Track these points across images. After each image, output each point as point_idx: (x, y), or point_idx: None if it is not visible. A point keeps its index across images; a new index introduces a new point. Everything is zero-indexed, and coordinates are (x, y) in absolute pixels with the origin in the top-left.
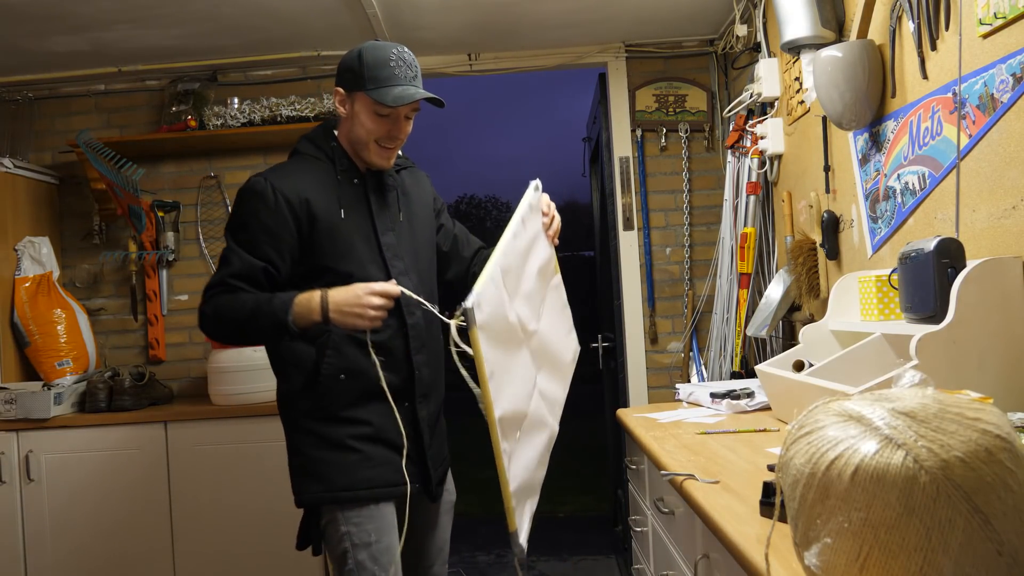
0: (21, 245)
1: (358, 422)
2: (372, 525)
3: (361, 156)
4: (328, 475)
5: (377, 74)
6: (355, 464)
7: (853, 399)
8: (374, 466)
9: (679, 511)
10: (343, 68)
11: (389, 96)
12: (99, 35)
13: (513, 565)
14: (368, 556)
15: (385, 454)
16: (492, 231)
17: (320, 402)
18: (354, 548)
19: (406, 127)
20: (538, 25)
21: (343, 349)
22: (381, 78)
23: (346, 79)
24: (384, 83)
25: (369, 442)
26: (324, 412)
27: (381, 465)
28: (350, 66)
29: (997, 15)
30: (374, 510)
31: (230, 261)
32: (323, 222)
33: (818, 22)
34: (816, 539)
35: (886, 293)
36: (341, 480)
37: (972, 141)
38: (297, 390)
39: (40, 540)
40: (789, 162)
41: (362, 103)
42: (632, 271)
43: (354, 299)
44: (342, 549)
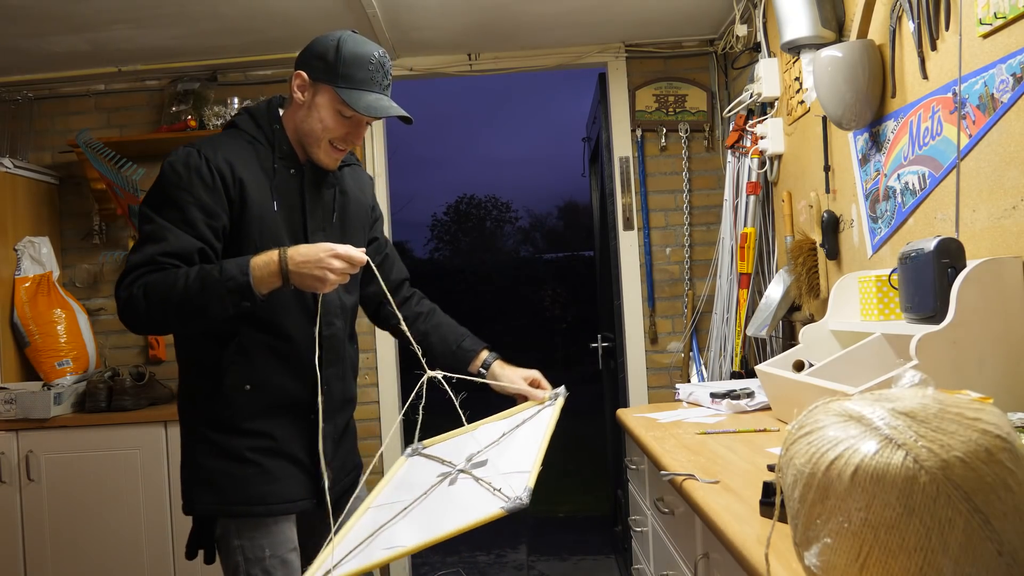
0: (21, 245)
1: (259, 435)
2: (266, 540)
3: (307, 149)
4: (223, 487)
5: (352, 73)
6: (251, 478)
7: (853, 399)
8: (271, 481)
9: (679, 511)
10: (313, 54)
11: (361, 102)
12: (98, 35)
13: (512, 565)
14: (261, 571)
15: (285, 468)
16: (492, 231)
17: (222, 413)
18: (247, 563)
19: (364, 133)
20: (538, 25)
21: (253, 359)
22: (356, 79)
23: (315, 67)
24: (358, 85)
25: (269, 455)
26: (224, 423)
27: (280, 480)
28: (322, 55)
29: (997, 15)
30: (270, 524)
31: (161, 238)
32: (254, 209)
33: (818, 22)
34: (816, 539)
35: (886, 293)
36: (236, 494)
37: (972, 141)
38: (199, 396)
39: (40, 540)
40: (789, 162)
41: (327, 97)
42: (632, 271)
43: (315, 260)
44: (234, 562)
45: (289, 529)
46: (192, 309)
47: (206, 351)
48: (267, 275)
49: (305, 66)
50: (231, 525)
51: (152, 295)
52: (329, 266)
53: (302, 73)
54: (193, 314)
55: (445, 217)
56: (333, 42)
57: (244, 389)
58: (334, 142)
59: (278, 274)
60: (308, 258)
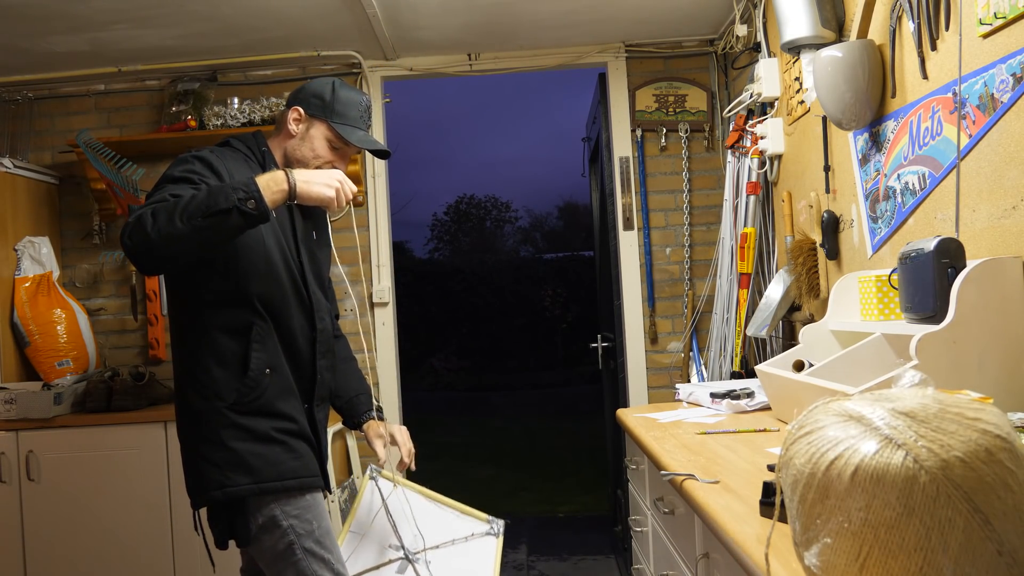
0: (21, 245)
1: (282, 416)
2: (311, 514)
3: None
4: (256, 467)
5: (346, 112)
6: (281, 455)
7: (853, 399)
8: (298, 457)
9: (679, 511)
10: (311, 93)
11: (354, 136)
12: (98, 35)
13: (512, 565)
14: (314, 542)
15: (304, 447)
16: (492, 231)
17: (247, 395)
18: (299, 538)
19: (345, 164)
20: (538, 25)
21: (267, 346)
22: (348, 117)
23: (312, 104)
24: (350, 122)
25: (292, 436)
26: (251, 406)
27: (304, 457)
28: (320, 94)
29: (997, 15)
30: (309, 499)
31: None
32: None
33: (818, 22)
34: (816, 539)
35: (886, 293)
36: (270, 472)
37: (972, 141)
38: (220, 385)
39: (40, 540)
40: (789, 162)
41: (321, 130)
42: (632, 271)
43: (324, 174)
44: (287, 543)
45: (322, 501)
46: (198, 208)
47: (224, 341)
48: (272, 182)
49: (302, 103)
50: (275, 509)
51: (160, 212)
52: (339, 179)
53: (299, 108)
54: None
55: (445, 217)
56: (328, 85)
57: (265, 373)
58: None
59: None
60: (315, 175)
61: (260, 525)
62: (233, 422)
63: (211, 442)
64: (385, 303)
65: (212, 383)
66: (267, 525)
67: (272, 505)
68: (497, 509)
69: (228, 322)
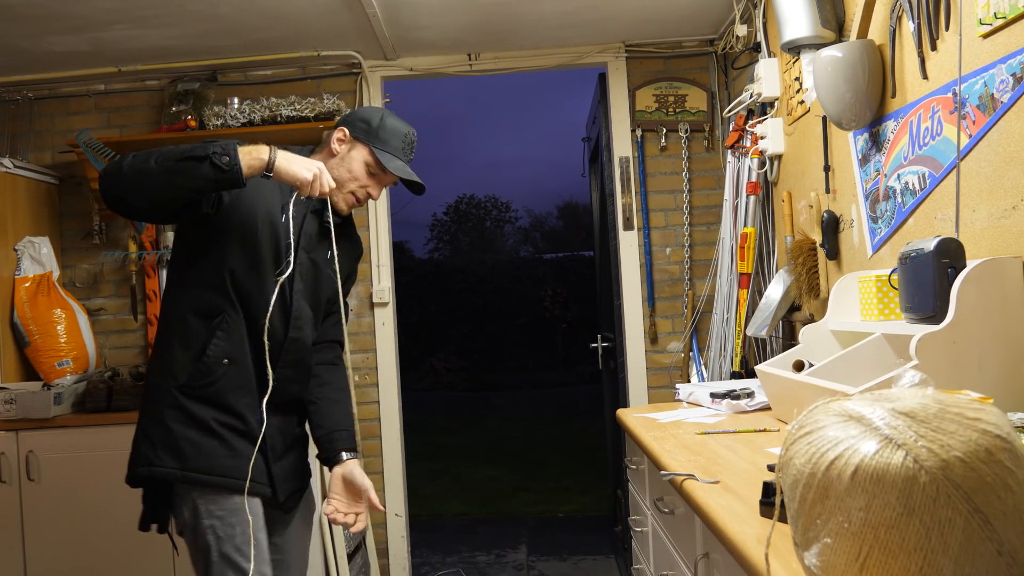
0: (21, 245)
1: (230, 411)
2: (236, 518)
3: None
4: (187, 454)
5: (389, 140)
6: (215, 450)
7: (853, 399)
8: (234, 456)
9: (679, 511)
10: (359, 118)
11: (392, 163)
12: (98, 35)
13: (512, 565)
14: (234, 548)
15: (248, 449)
16: (492, 231)
17: (199, 382)
18: (219, 541)
19: (380, 191)
20: (538, 25)
21: (232, 336)
22: (391, 145)
23: (358, 128)
24: (392, 151)
25: (235, 433)
26: (199, 392)
27: (242, 458)
28: (368, 119)
29: (997, 15)
30: (238, 503)
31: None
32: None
33: (818, 22)
34: (816, 539)
35: (886, 293)
36: (199, 462)
37: (972, 141)
38: (177, 364)
39: (40, 540)
40: (789, 162)
41: (362, 153)
42: (632, 271)
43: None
44: (205, 543)
45: (257, 509)
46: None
47: (193, 323)
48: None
49: (349, 125)
50: (200, 504)
51: (141, 153)
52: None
53: (345, 129)
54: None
55: (445, 217)
56: (378, 113)
57: (223, 362)
58: (356, 192)
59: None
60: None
61: (185, 518)
62: (178, 403)
63: (153, 419)
64: (385, 303)
65: (170, 361)
66: (190, 519)
67: (197, 499)
68: (497, 509)
69: (202, 306)
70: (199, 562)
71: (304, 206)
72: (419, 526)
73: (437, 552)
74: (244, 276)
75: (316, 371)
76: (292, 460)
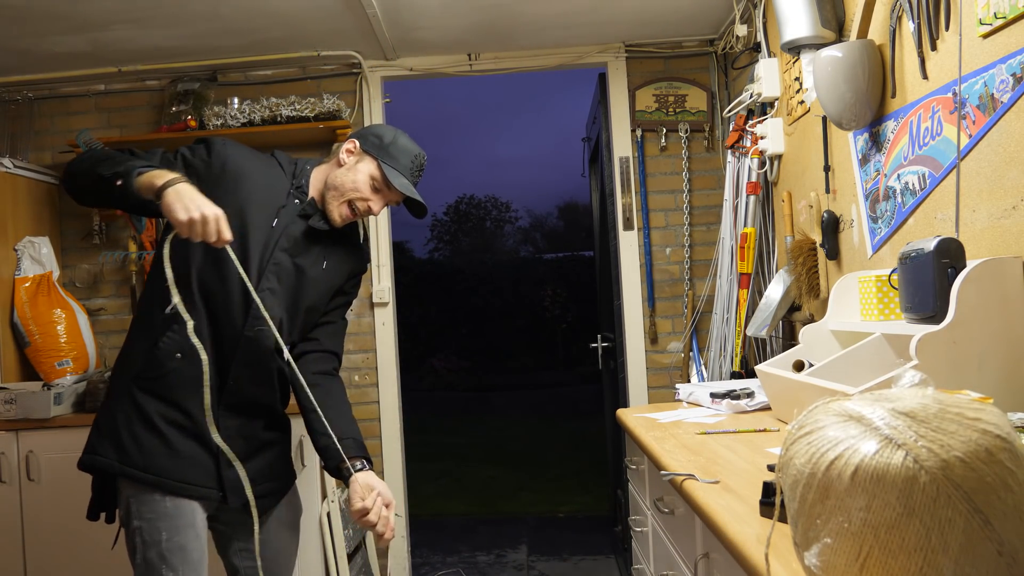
0: (21, 245)
1: (177, 407)
2: (164, 523)
3: (327, 201)
4: (126, 447)
5: (399, 157)
6: (154, 448)
7: (853, 399)
8: (174, 456)
9: (679, 511)
10: (372, 133)
11: (398, 180)
12: (99, 35)
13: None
14: (158, 556)
15: (192, 449)
16: (492, 231)
17: (150, 374)
18: (144, 545)
19: (380, 208)
20: (538, 25)
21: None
22: (400, 163)
23: (370, 141)
24: (399, 168)
25: (179, 432)
26: (149, 384)
27: (183, 459)
28: (381, 135)
29: (997, 15)
30: (170, 507)
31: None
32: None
33: (818, 22)
34: (816, 539)
35: (886, 293)
36: (136, 458)
37: (972, 141)
38: (135, 354)
39: (40, 540)
40: (789, 162)
41: (369, 166)
42: (632, 271)
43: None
44: (133, 544)
45: (192, 514)
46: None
47: (155, 316)
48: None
49: (361, 138)
50: (132, 502)
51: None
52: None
53: (356, 141)
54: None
55: (445, 217)
56: (392, 131)
57: (175, 356)
58: (354, 203)
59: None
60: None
61: (121, 513)
62: (128, 393)
63: (106, 407)
64: (385, 303)
65: (129, 352)
66: (123, 515)
67: (130, 497)
68: (497, 509)
69: (165, 299)
70: (131, 560)
71: (294, 209)
72: (419, 526)
73: (437, 552)
74: (209, 272)
75: (315, 380)
76: (259, 464)
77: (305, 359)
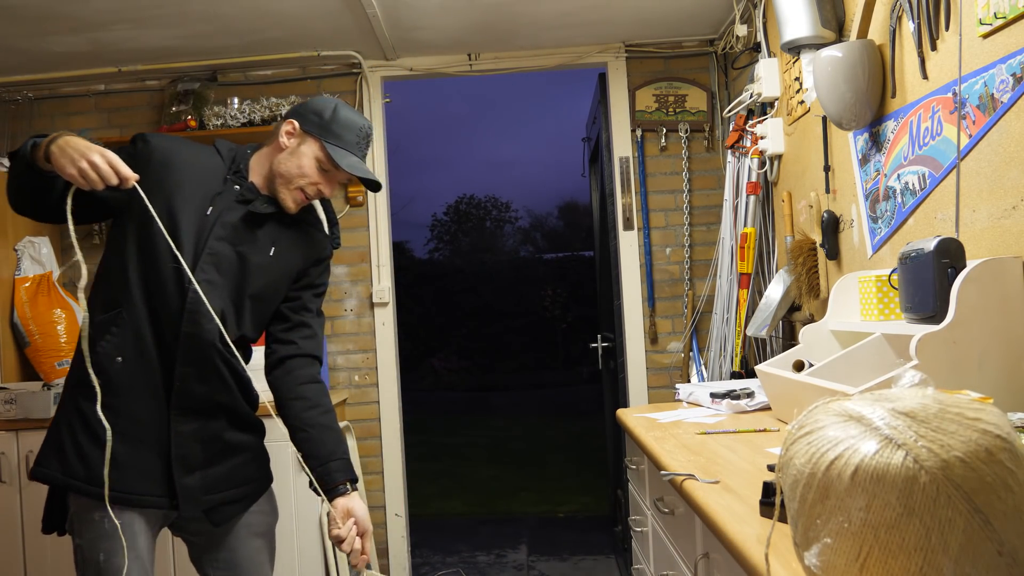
0: (21, 245)
1: (119, 414)
2: (102, 544)
3: (276, 189)
4: (69, 459)
5: (342, 134)
6: (97, 457)
7: (853, 399)
8: (115, 466)
9: (679, 511)
10: (310, 110)
11: (345, 160)
12: (99, 35)
13: (513, 565)
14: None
15: (140, 459)
16: (492, 231)
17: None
18: (83, 563)
19: (334, 188)
20: (538, 25)
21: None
22: (344, 140)
23: (309, 120)
24: (344, 146)
25: (123, 439)
26: (91, 392)
27: (129, 469)
28: (319, 111)
29: (997, 15)
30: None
31: None
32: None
33: (818, 22)
34: (816, 539)
35: (886, 293)
36: (78, 469)
37: (972, 141)
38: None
39: (40, 540)
40: (789, 162)
41: (312, 148)
42: (632, 271)
43: (84, 147)
44: (75, 561)
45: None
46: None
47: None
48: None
49: (299, 117)
50: (75, 518)
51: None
52: (89, 158)
53: (294, 122)
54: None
55: (445, 217)
56: (331, 104)
57: (116, 360)
58: (304, 188)
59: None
60: (79, 145)
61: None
62: (72, 402)
63: (55, 419)
64: (385, 303)
65: (75, 360)
66: (69, 528)
67: (73, 514)
68: (497, 509)
69: (105, 301)
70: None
71: (232, 195)
72: (419, 526)
73: (437, 552)
74: (145, 269)
75: (300, 391)
76: (222, 470)
77: (286, 367)
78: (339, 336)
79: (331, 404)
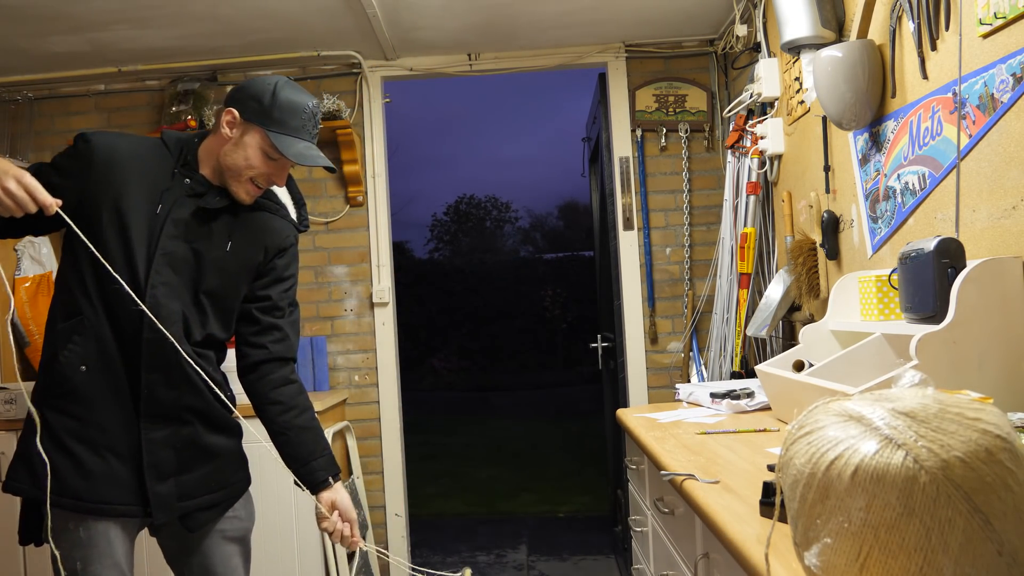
0: (21, 245)
1: (86, 422)
2: (78, 553)
3: (227, 182)
4: (38, 472)
5: (286, 119)
6: (66, 469)
7: (853, 399)
8: (86, 475)
9: (679, 511)
10: (249, 95)
11: (292, 149)
12: (99, 35)
13: (513, 565)
14: None
15: (106, 465)
16: (492, 231)
17: (54, 389)
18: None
19: (286, 175)
20: (538, 25)
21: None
22: (289, 125)
23: (248, 107)
24: (290, 131)
25: (91, 448)
26: (56, 401)
27: (99, 478)
28: (258, 97)
29: (997, 15)
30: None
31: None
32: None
33: (818, 22)
34: (816, 539)
35: (886, 293)
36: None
37: (972, 141)
38: (43, 367)
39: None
40: (789, 162)
41: (256, 138)
42: (632, 271)
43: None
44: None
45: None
46: None
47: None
48: None
49: (238, 104)
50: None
51: None
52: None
53: (233, 111)
54: None
55: (445, 217)
56: (270, 86)
57: (80, 369)
58: (255, 179)
59: None
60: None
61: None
62: (39, 413)
63: (23, 430)
64: (385, 303)
65: (41, 370)
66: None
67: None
68: (497, 509)
69: (65, 309)
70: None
71: (182, 190)
72: (419, 526)
73: (437, 552)
74: (100, 276)
75: (274, 396)
76: (197, 475)
77: (259, 372)
78: (339, 336)
79: (308, 402)
